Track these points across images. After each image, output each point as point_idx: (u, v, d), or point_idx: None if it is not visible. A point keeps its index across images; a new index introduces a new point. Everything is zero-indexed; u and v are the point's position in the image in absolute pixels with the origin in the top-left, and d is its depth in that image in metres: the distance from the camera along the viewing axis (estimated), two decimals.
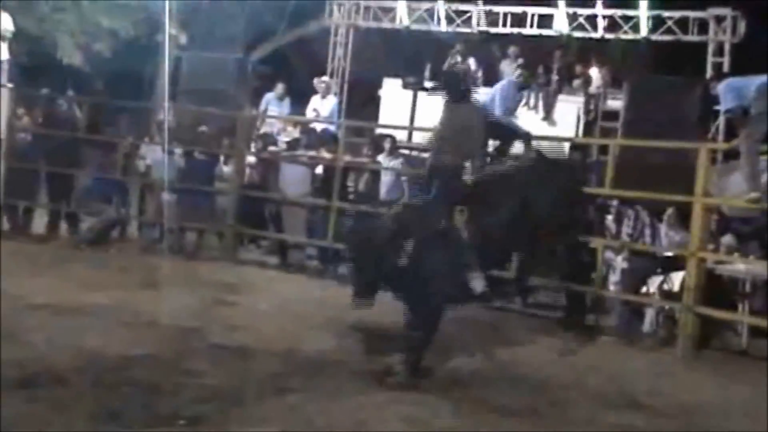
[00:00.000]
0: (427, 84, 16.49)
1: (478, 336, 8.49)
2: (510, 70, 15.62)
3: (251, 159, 12.27)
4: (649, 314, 9.23)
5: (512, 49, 16.28)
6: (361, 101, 17.63)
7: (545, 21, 16.85)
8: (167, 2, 14.78)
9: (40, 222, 12.11)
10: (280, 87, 14.62)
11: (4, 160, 11.73)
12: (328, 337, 7.96)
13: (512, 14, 16.97)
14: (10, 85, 12.43)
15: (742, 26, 15.34)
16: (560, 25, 16.73)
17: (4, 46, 12.98)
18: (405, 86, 16.71)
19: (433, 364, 7.24)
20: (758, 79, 8.49)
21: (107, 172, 11.83)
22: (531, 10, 16.79)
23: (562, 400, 6.76)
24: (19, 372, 6.11)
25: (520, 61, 15.77)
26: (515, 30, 16.97)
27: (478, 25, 17.29)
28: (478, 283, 7.13)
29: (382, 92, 16.93)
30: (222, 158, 12.33)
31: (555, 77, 16.51)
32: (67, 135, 11.87)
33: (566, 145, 11.43)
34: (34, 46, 16.96)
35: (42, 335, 7.03)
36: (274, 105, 14.50)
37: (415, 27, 17.92)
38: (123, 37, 18.77)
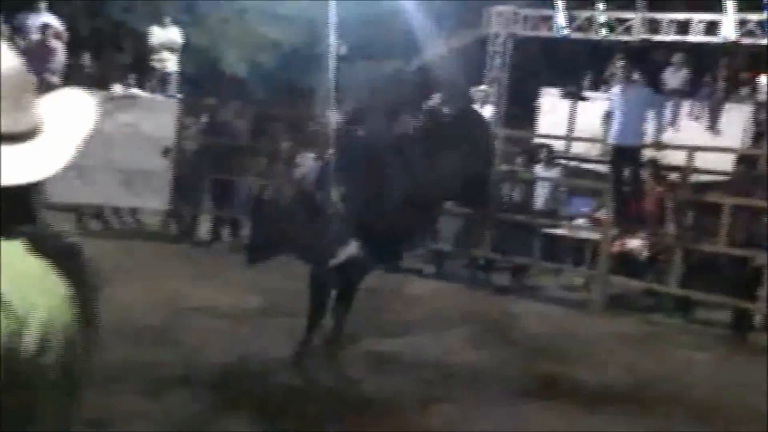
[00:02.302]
0: (587, 93, 16.22)
1: (632, 349, 8.34)
2: (675, 78, 15.21)
3: None
4: None
5: (676, 57, 15.81)
6: (519, 111, 17.48)
7: (711, 27, 16.29)
8: (330, 12, 15.04)
9: (204, 227, 12.51)
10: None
11: (173, 168, 12.21)
12: (480, 347, 7.97)
13: (676, 21, 16.48)
14: (179, 96, 12.97)
15: None
16: (728, 32, 16.14)
17: (174, 58, 13.54)
18: (564, 95, 16.48)
19: (584, 377, 7.15)
20: None
21: (268, 180, 12.12)
22: (696, 16, 16.26)
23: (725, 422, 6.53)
24: (178, 372, 6.35)
25: (684, 69, 15.31)
26: (679, 37, 16.46)
27: (640, 32, 16.88)
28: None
29: (540, 101, 16.75)
30: None
31: (721, 85, 15.93)
32: (231, 143, 12.27)
33: None
34: (202, 58, 17.59)
35: (202, 338, 7.28)
36: None
37: (574, 36, 17.64)
38: (285, 47, 19.26)
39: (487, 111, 14.51)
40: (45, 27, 12.91)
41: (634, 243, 10.61)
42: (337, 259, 6.92)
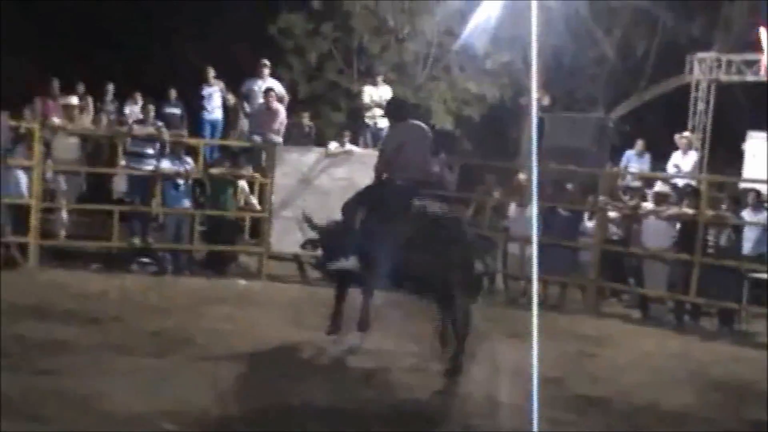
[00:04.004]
0: None
1: None
2: None
3: (613, 214, 12.48)
4: None
5: None
6: (724, 156, 17.28)
7: None
8: (532, 65, 15.49)
9: None
10: (639, 143, 14.77)
11: None
12: (689, 393, 7.98)
13: None
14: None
15: None
16: None
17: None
18: None
19: None
20: None
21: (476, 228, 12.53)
22: None
23: None
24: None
25: None
26: None
27: None
28: None
29: (746, 146, 16.50)
30: (586, 214, 12.65)
31: None
32: (440, 194, 12.76)
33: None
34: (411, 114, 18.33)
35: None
36: (634, 162, 14.66)
37: None
38: (489, 101, 19.78)
39: (691, 157, 14.50)
40: (268, 91, 13.88)
41: None
42: (335, 265, 8.37)
